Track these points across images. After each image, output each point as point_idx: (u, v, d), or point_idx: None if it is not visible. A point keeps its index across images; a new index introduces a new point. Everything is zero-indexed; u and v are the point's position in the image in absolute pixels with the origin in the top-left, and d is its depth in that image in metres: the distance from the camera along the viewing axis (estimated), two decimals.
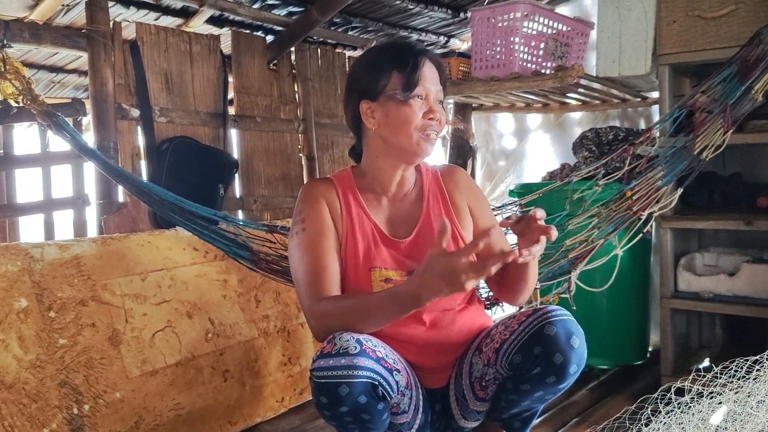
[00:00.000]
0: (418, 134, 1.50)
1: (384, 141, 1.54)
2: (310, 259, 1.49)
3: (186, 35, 2.75)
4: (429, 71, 1.51)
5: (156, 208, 2.16)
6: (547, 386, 1.42)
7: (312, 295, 1.45)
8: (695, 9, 2.38)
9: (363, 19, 3.30)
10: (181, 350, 2.09)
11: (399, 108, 1.49)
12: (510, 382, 1.48)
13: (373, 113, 1.53)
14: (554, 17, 2.66)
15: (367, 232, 1.55)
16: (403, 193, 1.61)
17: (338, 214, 1.55)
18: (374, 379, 1.33)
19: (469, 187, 1.67)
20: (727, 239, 2.79)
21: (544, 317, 1.41)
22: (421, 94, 1.50)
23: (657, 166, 2.14)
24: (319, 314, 1.43)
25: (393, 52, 1.53)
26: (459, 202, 1.63)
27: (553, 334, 1.38)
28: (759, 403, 1.10)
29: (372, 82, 1.52)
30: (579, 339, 1.40)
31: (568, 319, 1.42)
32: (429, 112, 1.50)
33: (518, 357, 1.43)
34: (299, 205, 1.58)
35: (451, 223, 1.59)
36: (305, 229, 1.53)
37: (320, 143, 3.30)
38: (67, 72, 3.11)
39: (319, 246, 1.50)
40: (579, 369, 1.42)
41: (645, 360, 2.89)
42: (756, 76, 2.10)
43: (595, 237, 2.05)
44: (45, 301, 1.85)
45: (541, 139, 3.67)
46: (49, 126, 2.17)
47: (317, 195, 1.57)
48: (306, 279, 1.48)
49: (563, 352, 1.37)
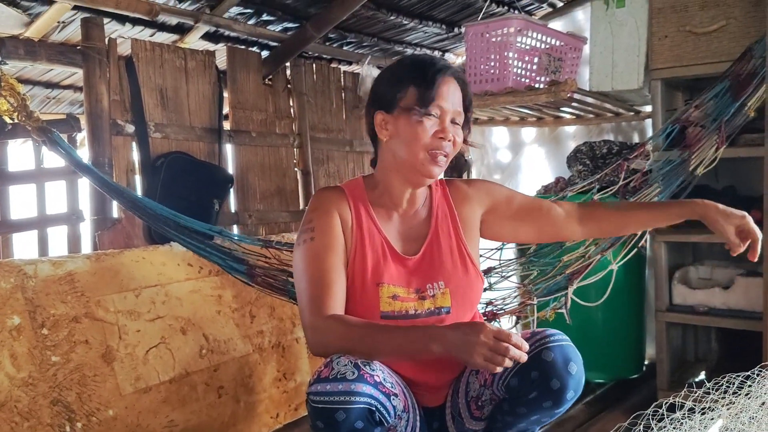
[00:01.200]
0: (425, 154, 1.46)
1: (394, 155, 1.51)
2: (315, 272, 1.46)
3: (181, 51, 2.76)
4: (448, 90, 1.48)
5: (151, 223, 2.16)
6: (544, 410, 1.41)
7: (314, 310, 1.42)
8: (686, 24, 2.40)
9: (358, 35, 3.32)
10: (174, 367, 2.08)
11: (410, 124, 1.46)
12: (506, 404, 1.46)
13: (386, 125, 1.51)
14: (547, 32, 2.68)
15: (376, 246, 1.53)
16: (413, 210, 1.59)
17: (349, 227, 1.52)
18: (371, 405, 1.31)
19: (477, 194, 1.65)
20: (721, 252, 2.78)
21: (542, 342, 1.39)
22: (435, 113, 1.46)
23: (653, 182, 2.16)
24: (321, 331, 1.40)
25: (415, 66, 1.50)
26: (467, 216, 1.62)
27: (551, 359, 1.37)
28: (751, 420, 1.10)
29: (389, 93, 1.50)
30: (577, 365, 1.38)
31: (567, 344, 1.40)
32: (440, 131, 1.47)
33: (515, 381, 1.42)
34: (309, 214, 1.54)
35: (458, 240, 1.58)
36: (314, 239, 1.49)
37: (315, 158, 3.31)
38: (62, 88, 3.12)
39: (327, 259, 1.47)
40: (576, 395, 1.41)
41: (641, 373, 2.89)
42: (749, 93, 2.12)
43: (592, 253, 2.06)
44: (38, 318, 1.84)
45: (535, 152, 3.68)
46: (44, 142, 2.17)
47: (329, 205, 1.53)
48: (310, 292, 1.45)
49: (560, 377, 1.36)
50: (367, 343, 1.36)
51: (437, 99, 1.46)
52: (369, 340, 1.36)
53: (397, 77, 1.51)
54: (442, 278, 1.54)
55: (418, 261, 1.55)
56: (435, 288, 1.53)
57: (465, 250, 1.58)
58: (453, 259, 1.56)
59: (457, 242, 1.58)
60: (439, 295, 1.52)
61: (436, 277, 1.54)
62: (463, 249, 1.58)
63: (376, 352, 1.37)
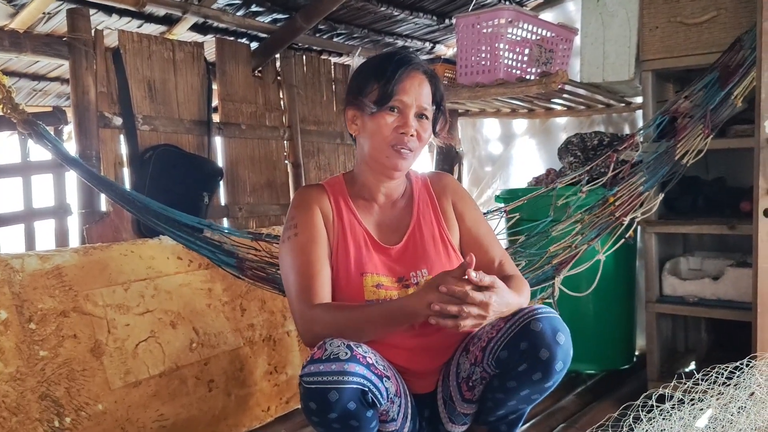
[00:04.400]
0: (389, 148, 1.51)
1: (363, 150, 1.57)
2: (302, 264, 1.50)
3: (169, 43, 2.74)
4: (411, 85, 1.51)
5: (140, 216, 2.14)
6: (534, 384, 1.42)
7: (303, 300, 1.46)
8: (677, 15, 2.39)
9: (348, 26, 3.30)
10: (164, 361, 2.07)
11: (373, 119, 1.51)
12: (496, 379, 1.48)
13: (356, 120, 1.56)
14: (538, 23, 2.67)
15: (358, 237, 1.57)
16: (392, 201, 1.63)
17: (330, 221, 1.57)
18: (364, 386, 1.33)
19: (455, 190, 1.69)
20: (711, 243, 2.81)
21: (530, 314, 1.42)
22: (396, 107, 1.50)
23: (639, 171, 2.16)
24: (311, 320, 1.44)
25: (379, 62, 1.55)
26: (446, 208, 1.65)
27: (539, 329, 1.38)
28: (740, 410, 1.10)
29: (357, 90, 1.55)
30: (564, 335, 1.40)
31: (554, 316, 1.43)
32: (402, 126, 1.50)
33: (504, 353, 1.43)
34: (291, 211, 1.58)
35: (440, 229, 1.62)
36: (297, 234, 1.53)
37: (306, 150, 3.29)
38: (49, 80, 3.09)
39: (312, 251, 1.51)
40: (565, 366, 1.42)
41: (632, 364, 2.90)
42: (735, 82, 2.12)
43: (578, 243, 2.07)
44: (25, 312, 1.83)
45: (527, 144, 3.68)
46: (30, 135, 2.14)
47: (310, 201, 1.57)
48: (298, 284, 1.48)
49: (549, 347, 1.38)
50: (354, 324, 1.42)
51: (398, 93, 1.49)
52: (355, 321, 1.42)
53: (364, 74, 1.56)
54: (425, 266, 1.57)
55: (401, 250, 1.58)
56: (418, 276, 1.56)
57: (447, 238, 1.62)
58: (436, 247, 1.59)
59: (439, 230, 1.62)
60: (422, 283, 1.53)
61: (419, 264, 1.57)
62: (445, 237, 1.61)
63: (364, 331, 1.42)
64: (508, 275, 1.56)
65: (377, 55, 1.61)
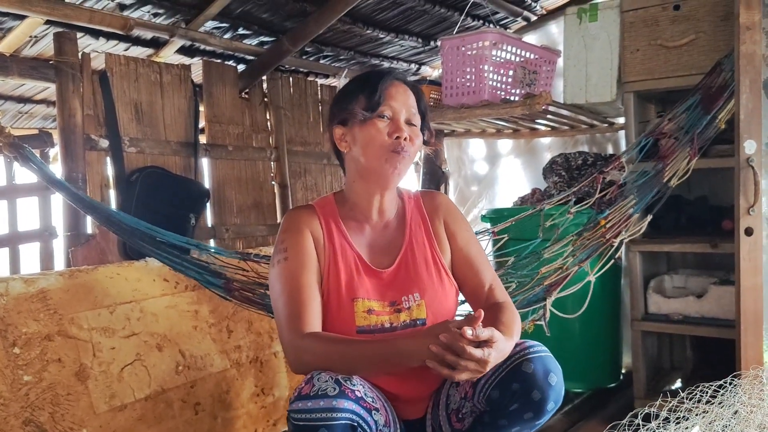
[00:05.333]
0: (386, 153, 1.49)
1: (356, 164, 1.54)
2: (291, 291, 1.47)
3: (156, 65, 2.75)
4: (397, 92, 1.52)
5: (126, 238, 2.13)
6: (524, 422, 1.42)
7: (293, 329, 1.43)
8: (657, 38, 2.45)
9: (334, 48, 3.33)
10: (150, 384, 2.05)
11: (364, 128, 1.50)
12: (487, 416, 1.46)
13: (344, 137, 1.55)
14: (522, 46, 2.72)
15: (349, 261, 1.54)
16: (384, 221, 1.60)
17: (321, 244, 1.54)
18: (353, 421, 1.31)
19: (448, 209, 1.66)
20: (695, 261, 2.84)
21: (522, 354, 1.40)
22: (386, 114, 1.50)
23: (629, 194, 2.19)
24: (301, 349, 1.41)
25: (362, 77, 1.57)
26: (438, 228, 1.63)
27: (531, 371, 1.37)
28: (724, 429, 1.11)
29: (342, 107, 1.54)
30: (557, 376, 1.39)
31: (546, 355, 1.41)
32: (395, 131, 1.49)
33: (496, 393, 1.42)
34: (281, 234, 1.56)
35: (432, 251, 1.59)
36: (287, 258, 1.51)
37: (293, 171, 3.30)
38: (35, 102, 3.08)
39: (301, 278, 1.49)
40: (556, 406, 1.41)
41: (618, 382, 2.91)
42: (720, 106, 2.16)
43: (569, 264, 2.08)
44: (9, 336, 1.81)
45: (512, 164, 3.71)
46: (16, 158, 2.14)
47: (300, 224, 1.55)
48: (287, 311, 1.46)
49: (541, 389, 1.37)
50: (346, 360, 1.38)
51: (386, 100, 1.51)
52: (348, 358, 1.38)
53: (348, 91, 1.57)
54: (417, 290, 1.54)
55: (393, 273, 1.56)
56: (410, 300, 1.53)
57: (439, 261, 1.59)
58: (428, 270, 1.57)
59: (431, 253, 1.59)
60: (414, 307, 1.53)
61: (411, 288, 1.54)
62: (437, 259, 1.59)
63: (355, 369, 1.38)
64: (498, 302, 1.55)
65: (356, 75, 1.61)
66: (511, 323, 1.47)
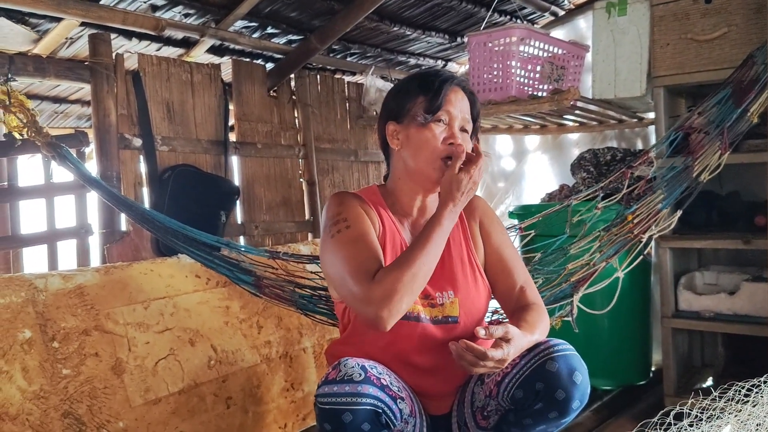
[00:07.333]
0: (439, 159, 1.49)
1: (405, 164, 1.55)
2: (358, 249, 1.44)
3: (187, 65, 2.79)
4: (456, 98, 1.52)
5: (159, 235, 2.18)
6: (549, 421, 1.42)
7: (363, 279, 1.39)
8: (688, 32, 2.41)
9: (361, 46, 3.35)
10: (183, 378, 2.09)
11: (420, 130, 1.50)
12: (512, 414, 1.47)
13: (397, 134, 1.55)
14: (549, 41, 2.70)
15: (396, 248, 1.54)
16: (423, 219, 1.59)
17: (377, 225, 1.53)
18: (378, 407, 1.33)
19: (485, 212, 1.68)
20: (726, 257, 2.80)
21: (546, 353, 1.40)
22: (443, 119, 1.51)
23: (657, 189, 2.16)
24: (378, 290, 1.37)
25: (423, 77, 1.56)
26: (475, 229, 1.64)
27: (555, 370, 1.37)
28: (758, 427, 1.10)
29: (399, 104, 1.55)
30: (582, 375, 1.39)
31: (571, 354, 1.41)
32: (449, 137, 1.50)
33: (520, 392, 1.42)
34: (336, 209, 1.53)
35: (468, 251, 1.60)
36: (349, 227, 1.48)
37: (321, 168, 3.33)
38: (70, 102, 3.15)
39: (368, 240, 1.46)
40: (582, 404, 1.41)
41: (648, 380, 2.89)
42: (751, 99, 2.13)
43: (596, 260, 2.07)
44: (48, 331, 1.86)
45: (539, 160, 3.69)
46: (53, 157, 2.19)
47: (354, 201, 1.54)
48: (354, 266, 1.42)
49: (565, 388, 1.37)
50: (413, 268, 1.38)
51: (445, 105, 1.50)
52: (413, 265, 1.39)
53: (407, 88, 1.56)
54: (451, 287, 1.55)
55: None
56: (444, 297, 1.54)
57: (474, 261, 1.60)
58: (463, 270, 1.58)
59: (467, 252, 1.60)
60: (447, 305, 1.54)
61: (445, 286, 1.55)
62: (473, 260, 1.60)
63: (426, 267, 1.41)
64: (528, 303, 1.55)
65: (416, 74, 1.61)
66: (535, 321, 1.47)
